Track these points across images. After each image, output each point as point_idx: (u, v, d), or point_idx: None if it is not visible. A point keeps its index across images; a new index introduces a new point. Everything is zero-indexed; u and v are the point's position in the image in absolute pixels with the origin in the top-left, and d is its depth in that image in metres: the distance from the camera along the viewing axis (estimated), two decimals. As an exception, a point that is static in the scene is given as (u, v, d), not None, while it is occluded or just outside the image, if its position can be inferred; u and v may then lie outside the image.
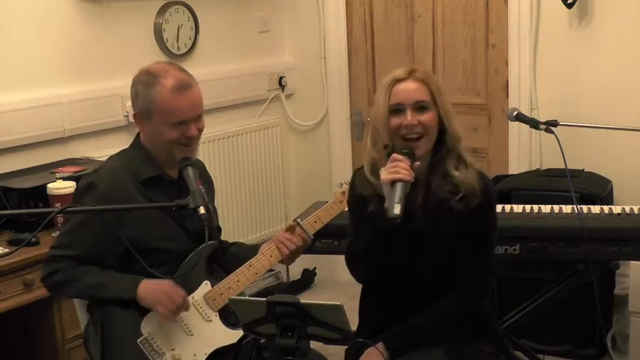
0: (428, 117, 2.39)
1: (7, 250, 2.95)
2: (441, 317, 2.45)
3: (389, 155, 2.40)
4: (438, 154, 2.44)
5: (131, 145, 2.63)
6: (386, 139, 2.42)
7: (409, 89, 2.39)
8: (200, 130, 2.58)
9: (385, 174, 2.34)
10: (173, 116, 2.50)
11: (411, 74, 2.41)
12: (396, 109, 2.39)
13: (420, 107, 2.38)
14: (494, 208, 2.53)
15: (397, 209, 2.27)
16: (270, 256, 2.63)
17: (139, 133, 2.63)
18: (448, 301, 2.44)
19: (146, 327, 2.49)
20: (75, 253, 2.50)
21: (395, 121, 2.39)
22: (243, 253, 2.73)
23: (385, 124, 2.41)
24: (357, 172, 2.56)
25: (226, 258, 2.73)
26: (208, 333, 2.54)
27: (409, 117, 2.37)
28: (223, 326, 2.56)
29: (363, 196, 2.47)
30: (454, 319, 2.45)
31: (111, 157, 2.66)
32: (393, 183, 2.31)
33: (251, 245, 2.82)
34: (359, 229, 2.52)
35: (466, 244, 2.42)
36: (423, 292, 2.46)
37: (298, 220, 2.70)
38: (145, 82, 2.53)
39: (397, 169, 2.32)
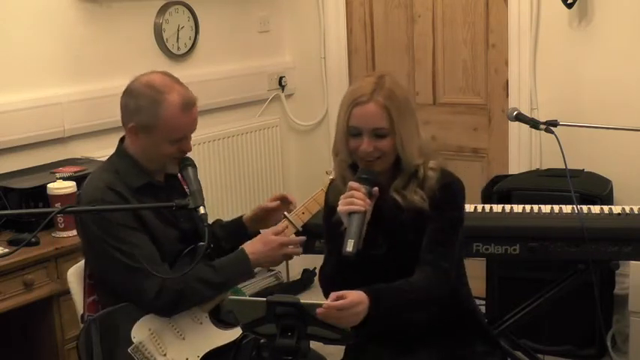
0: (385, 144, 2.32)
1: (7, 250, 2.95)
2: (420, 285, 2.33)
3: (350, 167, 2.39)
4: (391, 173, 2.39)
5: (116, 155, 2.60)
6: (345, 157, 2.40)
7: (368, 114, 2.30)
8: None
9: (341, 205, 2.29)
10: (176, 133, 2.49)
11: (372, 96, 2.30)
12: (355, 133, 2.33)
13: (377, 134, 2.31)
14: (456, 208, 2.42)
15: (349, 246, 2.22)
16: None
17: (121, 140, 2.60)
18: (422, 273, 2.34)
19: (136, 335, 2.46)
20: (145, 251, 2.45)
21: (353, 143, 2.34)
22: (229, 230, 2.74)
23: (344, 143, 2.37)
24: (332, 183, 2.54)
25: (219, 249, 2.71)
26: (200, 336, 2.52)
27: (365, 144, 2.31)
28: (215, 328, 2.55)
29: (335, 208, 2.39)
30: (431, 288, 2.34)
31: (99, 169, 2.62)
32: (349, 214, 2.27)
33: (233, 222, 2.80)
34: (328, 252, 2.51)
35: (430, 234, 2.35)
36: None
37: (285, 213, 2.70)
38: (149, 97, 2.48)
39: (352, 200, 2.27)
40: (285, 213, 2.69)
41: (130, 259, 2.42)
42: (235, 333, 2.57)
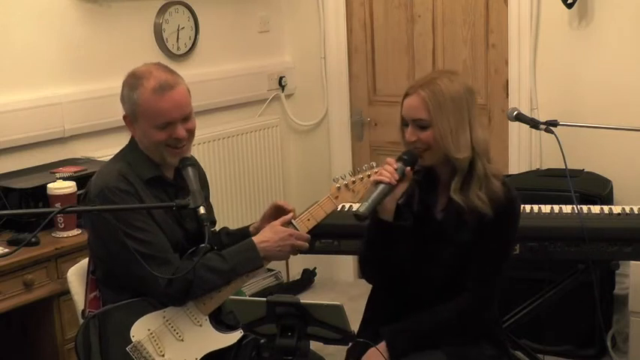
0: (426, 135, 2.41)
1: (7, 250, 2.95)
2: (446, 320, 2.46)
3: None
4: (450, 172, 2.46)
5: (128, 147, 2.62)
6: (403, 144, 2.50)
7: (411, 106, 2.43)
8: (190, 131, 2.55)
9: (373, 176, 2.45)
10: (157, 118, 2.48)
11: (418, 89, 2.41)
12: (405, 123, 2.46)
13: (419, 125, 2.42)
14: (515, 224, 2.50)
15: (362, 207, 2.36)
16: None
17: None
18: (455, 305, 2.45)
19: (135, 334, 2.47)
20: (158, 239, 2.47)
21: (405, 133, 2.47)
22: (236, 238, 2.71)
23: (400, 133, 2.50)
24: None
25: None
26: (199, 338, 2.52)
27: (408, 133, 2.44)
28: (214, 330, 2.54)
29: None
30: (459, 322, 2.46)
31: (111, 160, 2.63)
32: (376, 184, 2.40)
33: (240, 231, 2.78)
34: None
35: (480, 253, 2.43)
36: (432, 297, 2.47)
37: (292, 221, 2.69)
38: (129, 84, 2.51)
39: (381, 172, 2.41)
40: (292, 221, 2.68)
41: (143, 247, 2.43)
42: (234, 337, 2.56)
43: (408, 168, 2.41)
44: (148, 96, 2.46)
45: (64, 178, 3.26)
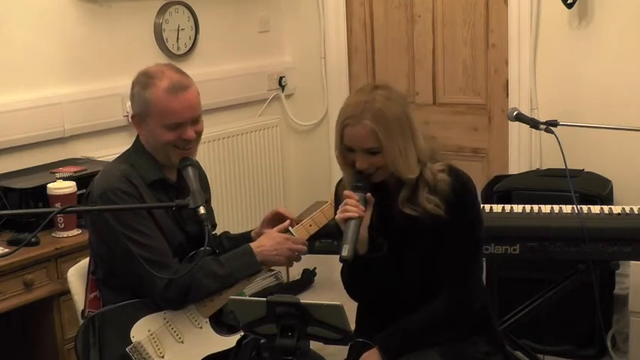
0: (379, 159, 2.36)
1: (7, 250, 2.95)
2: (435, 317, 2.45)
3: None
4: (397, 181, 2.43)
5: (133, 148, 2.61)
6: (344, 167, 2.46)
7: (357, 136, 2.35)
8: (198, 133, 2.55)
9: (338, 214, 2.39)
10: (168, 117, 2.47)
11: (360, 118, 2.33)
12: (349, 149, 2.40)
13: (369, 152, 2.36)
14: (473, 209, 2.47)
15: (344, 251, 2.30)
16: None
17: (139, 136, 2.62)
18: (441, 301, 2.45)
19: (135, 335, 2.47)
20: (158, 244, 2.48)
21: (351, 156, 2.41)
22: (237, 242, 2.72)
23: (341, 158, 2.44)
24: (340, 184, 2.59)
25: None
26: (198, 340, 2.52)
27: (359, 162, 2.38)
28: (214, 333, 2.55)
29: None
30: (448, 318, 2.45)
31: (115, 161, 2.62)
32: (346, 221, 2.35)
33: (241, 235, 2.79)
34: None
35: (450, 247, 2.42)
36: (417, 300, 2.46)
37: (290, 228, 2.69)
38: (141, 83, 2.51)
39: (346, 207, 2.36)
40: (290, 228, 2.69)
41: (143, 250, 2.43)
42: (234, 340, 2.57)
43: (369, 194, 2.39)
44: (161, 95, 2.46)
45: (64, 178, 3.26)
